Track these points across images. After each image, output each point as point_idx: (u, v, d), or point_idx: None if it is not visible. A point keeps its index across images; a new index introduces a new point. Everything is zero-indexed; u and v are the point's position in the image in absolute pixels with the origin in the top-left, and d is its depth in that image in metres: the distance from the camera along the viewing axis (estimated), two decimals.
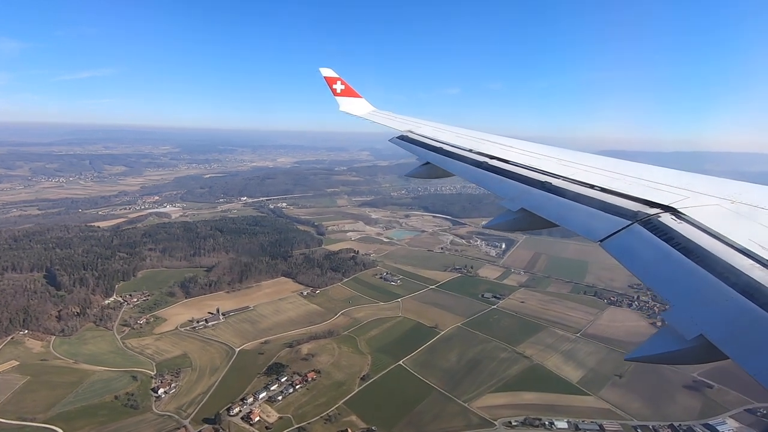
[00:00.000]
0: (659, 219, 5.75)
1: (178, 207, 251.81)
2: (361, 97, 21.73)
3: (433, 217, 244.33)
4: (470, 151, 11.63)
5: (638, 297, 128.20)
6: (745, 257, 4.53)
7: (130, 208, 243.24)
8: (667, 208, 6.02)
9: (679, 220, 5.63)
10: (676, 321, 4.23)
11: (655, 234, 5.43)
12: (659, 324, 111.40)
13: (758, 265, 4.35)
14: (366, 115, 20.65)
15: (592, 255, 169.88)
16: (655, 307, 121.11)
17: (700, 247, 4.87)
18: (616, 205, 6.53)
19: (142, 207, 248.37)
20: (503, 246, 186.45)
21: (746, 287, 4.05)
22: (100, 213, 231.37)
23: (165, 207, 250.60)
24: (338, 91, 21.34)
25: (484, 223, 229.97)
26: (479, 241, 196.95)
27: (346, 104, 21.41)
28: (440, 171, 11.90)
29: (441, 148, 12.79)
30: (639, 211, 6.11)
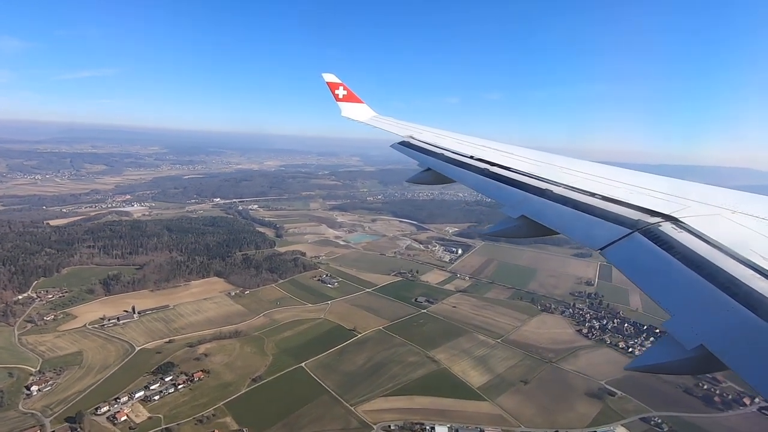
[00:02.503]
0: (660, 228, 5.68)
1: (145, 206, 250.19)
2: (363, 102, 21.81)
3: (400, 221, 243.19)
4: (471, 157, 11.58)
5: (574, 304, 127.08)
6: (746, 267, 4.45)
7: (96, 207, 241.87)
8: (667, 217, 5.96)
9: (679, 230, 5.55)
10: (676, 331, 4.14)
11: (655, 243, 5.37)
12: (584, 331, 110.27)
13: (759, 275, 4.28)
14: (368, 120, 20.63)
15: (543, 262, 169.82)
16: (587, 315, 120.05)
17: (701, 256, 4.80)
18: (617, 214, 6.45)
19: (110, 206, 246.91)
20: (459, 251, 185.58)
21: (747, 298, 3.98)
22: (63, 210, 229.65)
23: (133, 206, 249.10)
24: (340, 96, 21.40)
25: (448, 229, 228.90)
26: (438, 246, 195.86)
27: (348, 110, 21.47)
28: (441, 177, 11.80)
29: (442, 155, 12.75)
30: (639, 220, 6.03)
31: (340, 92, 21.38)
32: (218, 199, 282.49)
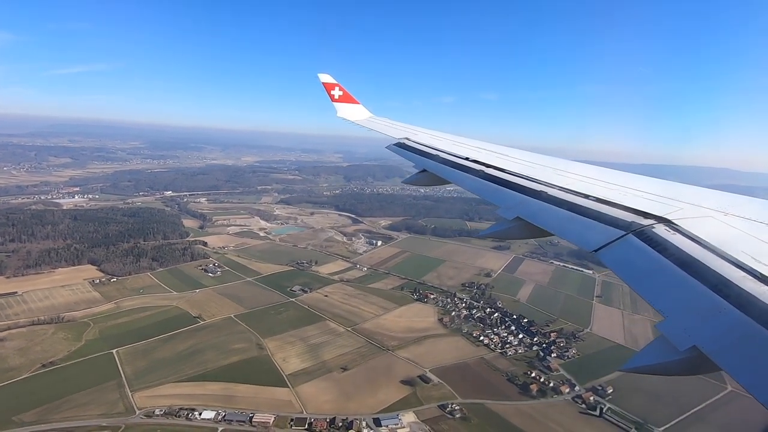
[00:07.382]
0: (653, 230, 5.66)
1: (85, 198, 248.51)
2: (359, 103, 21.65)
3: (339, 215, 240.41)
4: (467, 159, 11.55)
5: (455, 294, 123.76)
6: (738, 269, 4.46)
7: (33, 198, 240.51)
8: (661, 219, 5.93)
9: (672, 232, 5.55)
10: (669, 332, 4.13)
11: (649, 245, 5.37)
12: (446, 320, 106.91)
13: (750, 276, 4.29)
14: (363, 121, 20.36)
15: (456, 255, 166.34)
16: (461, 305, 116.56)
17: (694, 258, 4.82)
18: (611, 216, 6.42)
19: (49, 197, 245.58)
20: (378, 243, 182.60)
21: (739, 299, 4.01)
22: None
23: (73, 197, 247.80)
24: (336, 97, 21.25)
25: (382, 222, 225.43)
26: (362, 238, 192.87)
27: (344, 110, 21.36)
28: (436, 178, 11.80)
29: (438, 156, 12.71)
30: (633, 222, 6.00)
31: (336, 93, 21.15)
32: (169, 192, 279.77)
